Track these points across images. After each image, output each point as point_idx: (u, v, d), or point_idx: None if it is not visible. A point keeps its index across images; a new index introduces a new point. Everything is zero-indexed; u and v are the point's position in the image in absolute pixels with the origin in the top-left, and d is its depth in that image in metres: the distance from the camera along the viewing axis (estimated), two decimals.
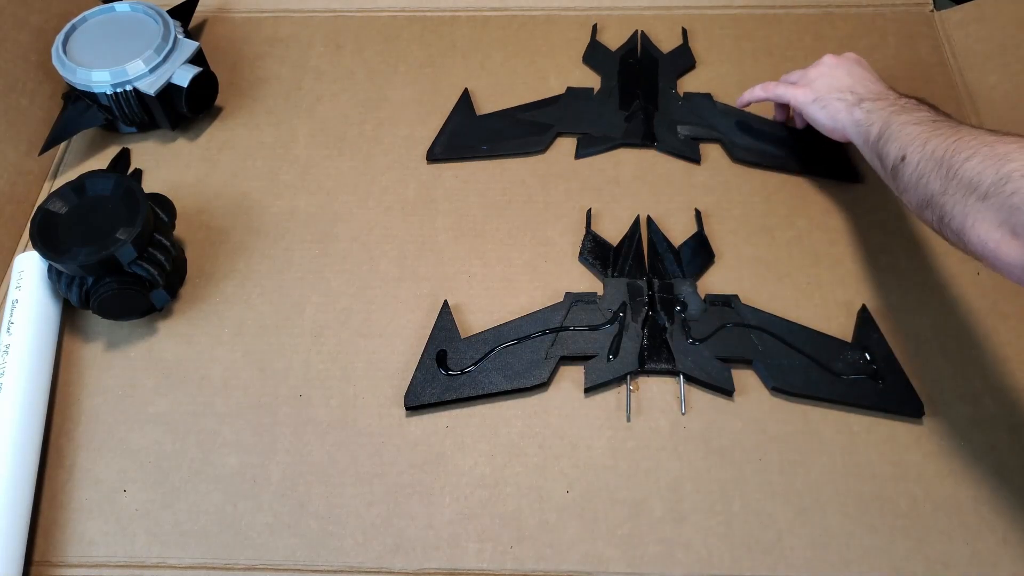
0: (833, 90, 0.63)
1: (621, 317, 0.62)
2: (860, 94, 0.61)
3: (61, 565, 0.55)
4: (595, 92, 0.76)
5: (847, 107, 0.61)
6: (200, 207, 0.71)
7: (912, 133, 0.53)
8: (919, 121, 0.54)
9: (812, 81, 0.66)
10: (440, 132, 0.75)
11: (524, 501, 0.56)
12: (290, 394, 0.61)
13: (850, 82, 0.63)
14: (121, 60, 0.71)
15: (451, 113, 0.76)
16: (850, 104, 0.61)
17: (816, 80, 0.65)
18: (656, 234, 0.67)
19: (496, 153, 0.73)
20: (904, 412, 0.58)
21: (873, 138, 0.58)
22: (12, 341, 0.59)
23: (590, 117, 0.75)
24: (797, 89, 0.67)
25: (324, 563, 0.54)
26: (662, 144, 0.72)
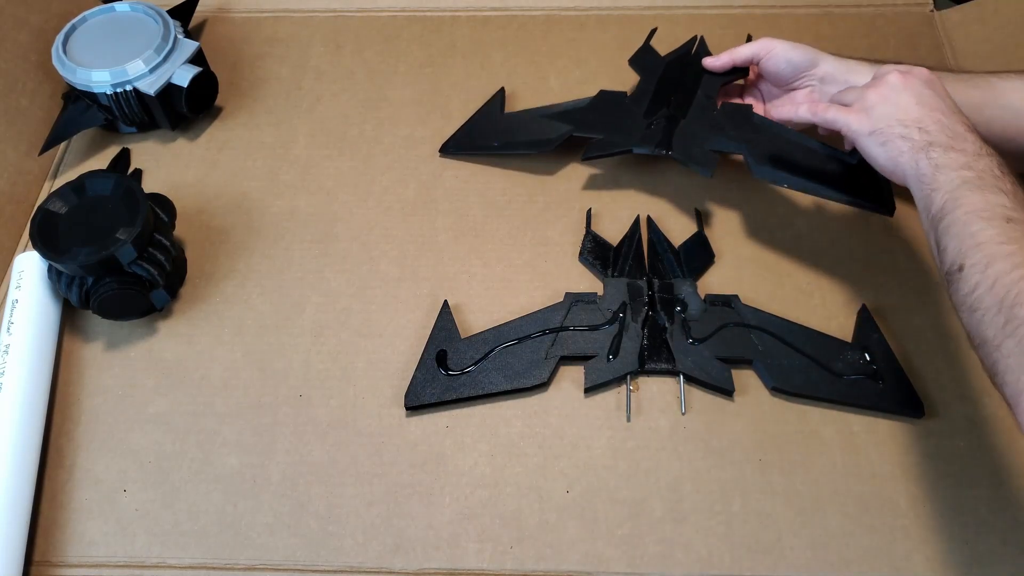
0: (896, 122, 0.52)
1: (621, 317, 0.62)
2: (931, 134, 0.51)
3: (61, 565, 0.55)
4: (627, 96, 0.72)
5: (912, 150, 0.51)
6: (200, 207, 0.71)
7: (977, 238, 0.45)
8: (991, 214, 0.45)
9: (871, 107, 0.54)
10: (461, 127, 0.75)
11: (524, 501, 0.56)
12: (290, 394, 0.61)
13: (919, 113, 0.52)
14: (121, 60, 0.71)
15: (479, 109, 0.75)
16: (916, 147, 0.51)
17: (876, 106, 0.54)
18: (656, 234, 0.67)
19: (505, 151, 0.72)
20: (904, 412, 0.58)
21: (934, 212, 0.48)
22: (12, 341, 0.59)
23: (611, 121, 0.70)
24: (851, 114, 0.55)
25: (324, 563, 0.54)
26: (677, 152, 0.65)
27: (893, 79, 0.55)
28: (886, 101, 0.54)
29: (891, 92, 0.54)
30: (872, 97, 0.55)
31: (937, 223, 0.48)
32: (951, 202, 0.47)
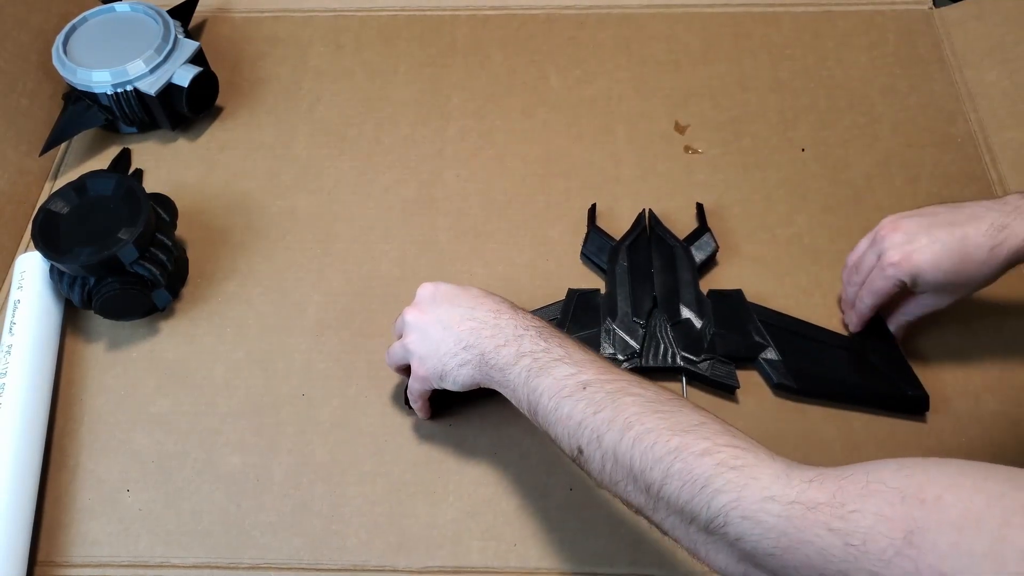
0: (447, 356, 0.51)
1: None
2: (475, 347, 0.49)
3: (65, 565, 0.55)
4: (601, 294, 0.64)
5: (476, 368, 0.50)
6: (201, 207, 0.71)
7: (573, 418, 0.44)
8: (569, 390, 0.44)
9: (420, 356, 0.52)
10: None
11: (527, 499, 0.56)
12: (292, 393, 0.61)
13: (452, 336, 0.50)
14: (121, 60, 0.71)
15: None
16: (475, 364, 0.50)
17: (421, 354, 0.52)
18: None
19: None
20: (906, 410, 0.58)
21: (528, 411, 0.48)
22: (14, 341, 0.59)
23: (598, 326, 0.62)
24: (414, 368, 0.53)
25: (328, 562, 0.54)
26: (691, 377, 0.60)
27: (409, 319, 0.53)
28: (425, 343, 0.52)
29: (420, 334, 0.52)
30: (413, 348, 0.53)
31: (536, 417, 0.47)
32: (532, 395, 0.46)
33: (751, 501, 0.36)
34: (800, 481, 0.36)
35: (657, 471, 0.39)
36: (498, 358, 0.49)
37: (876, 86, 0.77)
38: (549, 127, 0.76)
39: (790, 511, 0.35)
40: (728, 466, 0.38)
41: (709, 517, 0.37)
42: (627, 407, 0.42)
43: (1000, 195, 0.68)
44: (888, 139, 0.73)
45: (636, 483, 0.41)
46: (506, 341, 0.49)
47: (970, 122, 0.74)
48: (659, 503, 0.40)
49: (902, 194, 0.70)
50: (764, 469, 0.37)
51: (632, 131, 0.75)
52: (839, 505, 0.34)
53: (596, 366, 0.46)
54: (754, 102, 0.77)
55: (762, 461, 0.38)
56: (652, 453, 0.40)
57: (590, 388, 0.44)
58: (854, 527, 0.33)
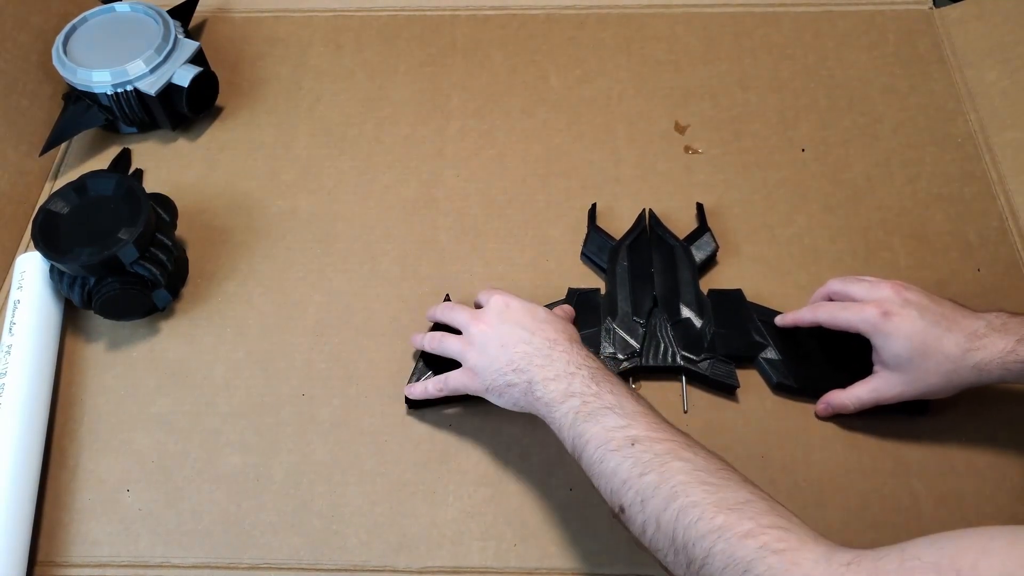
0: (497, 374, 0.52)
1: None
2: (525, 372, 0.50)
3: (65, 565, 0.55)
4: (601, 294, 0.64)
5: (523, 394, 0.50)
6: (201, 207, 0.71)
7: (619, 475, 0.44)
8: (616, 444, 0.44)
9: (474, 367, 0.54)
10: None
11: (527, 499, 0.56)
12: (292, 393, 0.61)
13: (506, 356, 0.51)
14: (121, 60, 0.71)
15: None
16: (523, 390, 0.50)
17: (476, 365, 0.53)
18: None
19: None
20: (907, 409, 0.58)
21: (570, 450, 0.48)
22: (14, 341, 0.59)
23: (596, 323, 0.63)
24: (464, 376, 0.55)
25: (328, 562, 0.54)
26: (691, 377, 0.60)
27: (474, 330, 0.54)
28: (481, 357, 0.53)
29: (480, 347, 0.53)
30: (469, 357, 0.54)
31: (580, 462, 0.47)
32: (578, 440, 0.46)
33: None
34: (839, 565, 0.36)
35: (700, 548, 0.39)
36: (545, 392, 0.49)
37: (876, 86, 0.77)
38: (549, 127, 0.76)
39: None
40: (771, 550, 0.38)
41: None
42: (674, 474, 0.42)
43: (1000, 195, 0.69)
44: (888, 139, 0.73)
45: (678, 556, 0.41)
46: (556, 375, 0.49)
47: (970, 122, 0.74)
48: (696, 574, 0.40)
49: (902, 194, 0.70)
50: (806, 554, 0.37)
51: (632, 131, 0.75)
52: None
53: (647, 420, 0.46)
54: (754, 102, 0.77)
55: (805, 544, 0.38)
56: (696, 529, 0.40)
57: (638, 445, 0.44)
58: None
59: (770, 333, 0.61)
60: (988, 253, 0.66)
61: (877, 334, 0.53)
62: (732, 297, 0.63)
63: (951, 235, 0.67)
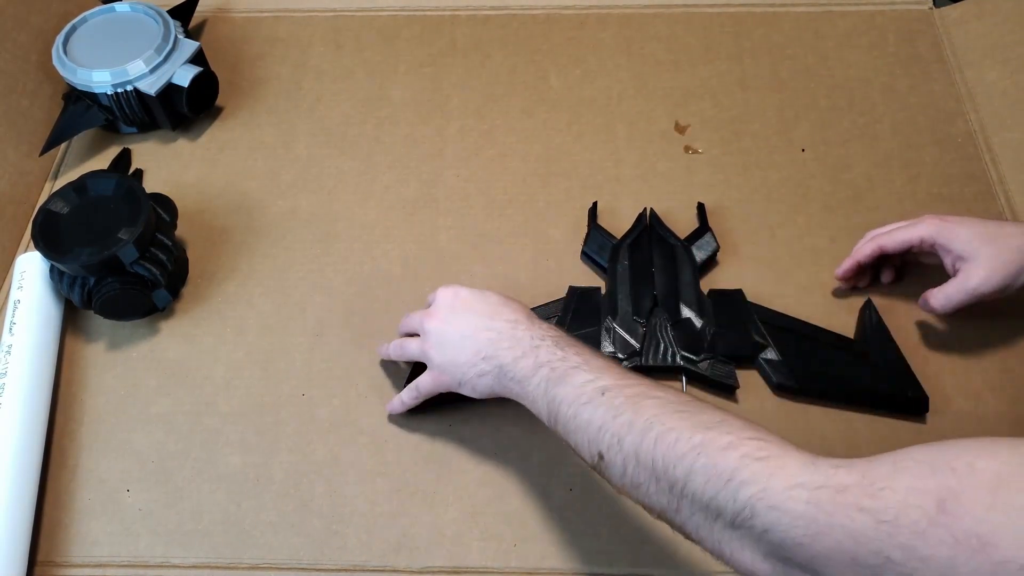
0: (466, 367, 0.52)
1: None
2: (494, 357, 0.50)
3: (65, 565, 0.55)
4: (601, 293, 0.64)
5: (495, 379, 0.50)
6: (201, 207, 0.71)
7: (594, 423, 0.44)
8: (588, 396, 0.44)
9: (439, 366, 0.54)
10: None
11: (527, 499, 0.56)
12: (292, 393, 0.61)
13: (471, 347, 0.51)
14: (122, 60, 0.71)
15: None
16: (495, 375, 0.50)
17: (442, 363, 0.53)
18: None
19: None
20: (907, 409, 0.58)
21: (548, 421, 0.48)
22: (14, 341, 0.59)
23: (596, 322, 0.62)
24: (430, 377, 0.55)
25: (328, 562, 0.54)
26: (691, 376, 0.60)
27: (428, 326, 0.54)
28: (443, 352, 0.53)
29: (438, 343, 0.53)
30: (432, 356, 0.53)
31: (556, 427, 0.47)
32: (552, 405, 0.46)
33: (778, 490, 0.36)
34: (827, 467, 0.36)
35: (680, 468, 0.39)
36: (516, 370, 0.49)
37: (876, 86, 0.77)
38: (549, 127, 0.76)
39: (819, 496, 0.34)
40: (753, 458, 0.37)
41: (735, 510, 0.37)
42: (647, 409, 0.42)
43: (1000, 195, 0.69)
44: (888, 139, 0.73)
45: (659, 482, 0.40)
46: (524, 352, 0.49)
47: (970, 122, 0.74)
48: (683, 501, 0.39)
49: (902, 194, 0.70)
50: (790, 459, 0.37)
51: (632, 131, 0.75)
52: (868, 485, 0.33)
53: (613, 372, 0.46)
54: (754, 102, 0.77)
55: (787, 452, 0.38)
56: (675, 451, 0.40)
57: (609, 394, 0.44)
58: (885, 504, 0.32)
59: (770, 333, 0.61)
60: None
61: (941, 235, 0.56)
62: (732, 297, 0.63)
63: None
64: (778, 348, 0.60)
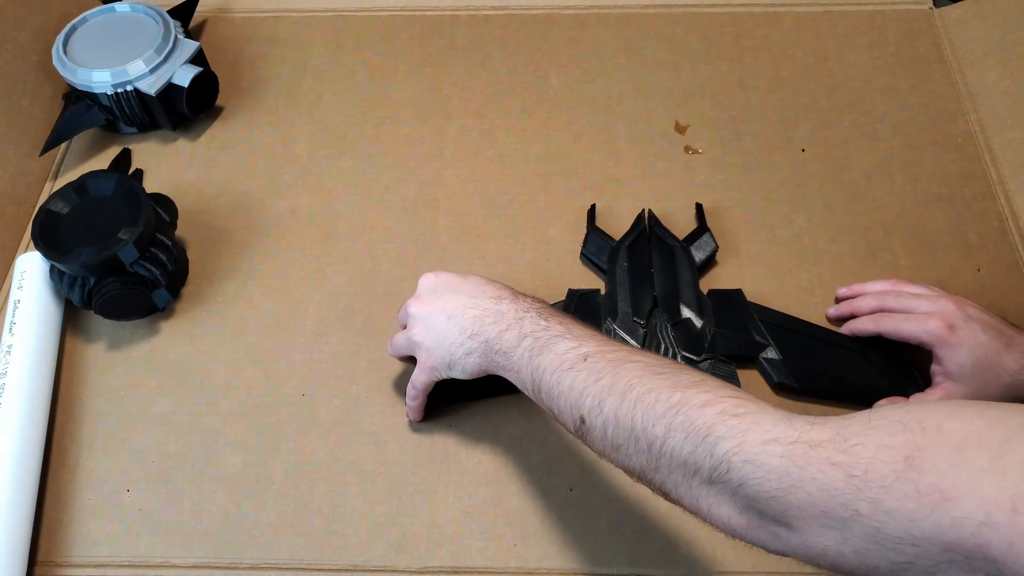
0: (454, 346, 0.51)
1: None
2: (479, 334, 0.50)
3: (65, 565, 0.55)
4: (601, 295, 0.64)
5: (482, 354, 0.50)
6: (201, 207, 0.71)
7: (575, 388, 0.44)
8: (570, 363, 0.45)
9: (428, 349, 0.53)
10: None
11: (527, 499, 0.56)
12: (292, 393, 0.61)
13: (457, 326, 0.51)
14: (122, 60, 0.71)
15: None
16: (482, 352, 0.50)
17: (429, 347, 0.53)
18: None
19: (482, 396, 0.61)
20: None
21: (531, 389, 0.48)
22: (14, 341, 0.59)
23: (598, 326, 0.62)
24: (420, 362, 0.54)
25: (328, 562, 0.54)
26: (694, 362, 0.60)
27: (413, 310, 0.54)
28: (430, 334, 0.53)
29: (424, 325, 0.53)
30: (420, 340, 0.53)
31: (539, 395, 0.47)
32: (535, 373, 0.47)
33: (753, 444, 0.36)
34: (803, 423, 0.36)
35: (660, 426, 0.40)
36: (501, 343, 0.49)
37: (876, 86, 0.77)
38: (549, 127, 0.76)
39: (792, 450, 0.35)
40: (730, 414, 0.38)
41: (712, 465, 0.37)
42: (628, 372, 0.43)
43: (1000, 195, 0.69)
44: (888, 139, 0.73)
45: (638, 443, 0.41)
46: (508, 325, 0.49)
47: (970, 122, 0.74)
48: (661, 460, 0.40)
49: (902, 194, 0.70)
50: (766, 415, 0.37)
51: (632, 131, 0.75)
52: (841, 440, 0.34)
53: (596, 339, 0.46)
54: (754, 102, 0.77)
55: (763, 409, 0.38)
56: (654, 410, 0.40)
57: (591, 359, 0.44)
58: (856, 459, 0.33)
59: (770, 333, 0.61)
60: (988, 253, 0.66)
61: (943, 346, 0.54)
62: (732, 297, 0.63)
63: (951, 235, 0.67)
64: (778, 348, 0.60)
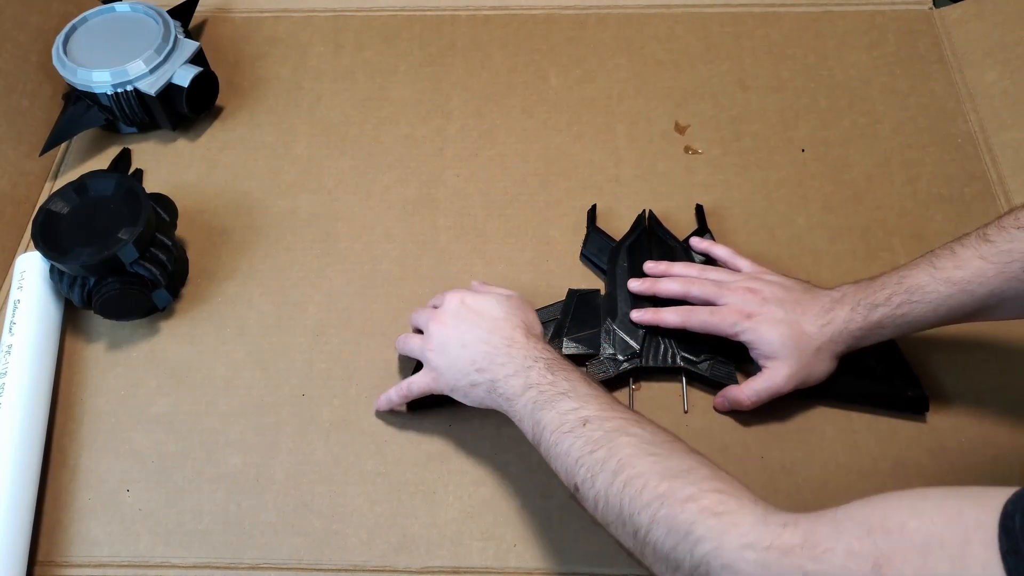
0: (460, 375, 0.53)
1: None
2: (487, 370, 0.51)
3: (65, 565, 0.55)
4: (601, 295, 0.64)
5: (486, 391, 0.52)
6: (201, 207, 0.71)
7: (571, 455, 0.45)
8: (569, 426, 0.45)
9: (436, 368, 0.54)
10: None
11: (527, 499, 0.56)
12: (292, 393, 0.61)
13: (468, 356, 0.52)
14: (122, 60, 0.71)
15: None
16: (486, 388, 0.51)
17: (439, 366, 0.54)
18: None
19: None
20: (907, 409, 0.58)
21: (532, 440, 0.49)
22: (14, 341, 0.59)
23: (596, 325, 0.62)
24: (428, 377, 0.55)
25: (328, 562, 0.54)
26: (691, 377, 0.60)
27: (432, 329, 0.55)
28: (442, 357, 0.54)
29: (440, 347, 0.54)
30: (431, 358, 0.54)
31: (540, 449, 0.48)
32: (537, 428, 0.48)
33: (730, 549, 0.37)
34: (776, 525, 0.37)
35: (644, 516, 0.40)
36: (506, 388, 0.50)
37: (876, 86, 0.77)
38: (549, 127, 0.76)
39: (766, 557, 0.36)
40: (711, 512, 0.39)
41: (692, 565, 0.38)
42: (622, 448, 0.43)
43: (1000, 195, 0.69)
44: (888, 139, 0.73)
45: (625, 527, 0.42)
46: (515, 371, 0.50)
47: (970, 122, 0.74)
48: (646, 548, 0.40)
49: (902, 194, 0.70)
50: (745, 516, 0.38)
51: (632, 131, 0.75)
52: (812, 546, 0.35)
53: (599, 402, 0.47)
54: (754, 102, 0.77)
55: (744, 507, 0.39)
56: (640, 498, 0.41)
57: (589, 425, 0.45)
58: (826, 567, 0.34)
59: None
60: None
61: (746, 333, 0.56)
62: None
63: (951, 235, 0.66)
64: None
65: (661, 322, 0.59)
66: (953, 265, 0.51)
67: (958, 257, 0.51)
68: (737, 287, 0.58)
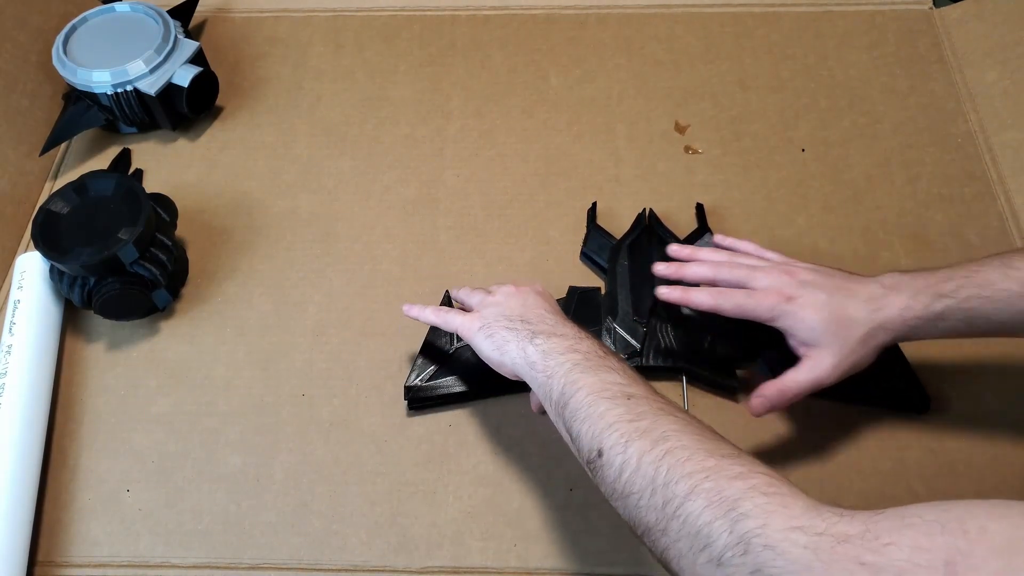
0: (502, 317, 0.52)
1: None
2: (533, 324, 0.50)
3: (65, 565, 0.55)
4: (601, 293, 0.65)
5: (518, 339, 0.50)
6: (201, 207, 0.71)
7: (607, 418, 0.43)
8: (611, 393, 0.44)
9: (482, 308, 0.54)
10: None
11: (527, 499, 0.56)
12: (292, 393, 0.61)
13: (522, 310, 0.52)
14: (122, 60, 0.71)
15: None
16: (521, 336, 0.50)
17: (486, 307, 0.54)
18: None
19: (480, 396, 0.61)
20: (907, 409, 0.58)
21: (556, 399, 0.46)
22: (14, 341, 0.59)
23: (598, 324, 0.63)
24: (467, 316, 0.54)
25: (328, 562, 0.54)
26: (691, 376, 0.60)
27: (506, 289, 0.55)
28: (496, 304, 0.54)
29: (502, 298, 0.54)
30: (487, 301, 0.55)
31: (562, 410, 0.46)
32: (569, 386, 0.45)
33: (777, 529, 0.34)
34: (831, 514, 0.34)
35: (684, 485, 0.38)
36: (547, 343, 0.48)
37: (876, 86, 0.77)
38: (549, 127, 0.76)
39: (818, 543, 0.33)
40: (760, 491, 0.36)
41: (727, 543, 0.35)
42: (668, 423, 0.41)
43: (1000, 195, 0.69)
44: (888, 139, 0.73)
45: (653, 496, 0.39)
46: (563, 336, 0.49)
47: (970, 122, 0.74)
48: (673, 522, 0.38)
49: (902, 194, 0.70)
50: (797, 500, 0.36)
51: (632, 131, 0.75)
52: (872, 538, 0.32)
53: (647, 387, 0.45)
54: (754, 102, 0.77)
55: (795, 493, 0.36)
56: (683, 467, 0.38)
57: (635, 400, 0.43)
58: (888, 561, 0.31)
59: (771, 333, 0.61)
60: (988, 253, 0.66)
61: (786, 317, 0.52)
62: None
63: (951, 235, 0.67)
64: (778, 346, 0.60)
65: (690, 302, 0.55)
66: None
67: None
68: (771, 269, 0.54)
